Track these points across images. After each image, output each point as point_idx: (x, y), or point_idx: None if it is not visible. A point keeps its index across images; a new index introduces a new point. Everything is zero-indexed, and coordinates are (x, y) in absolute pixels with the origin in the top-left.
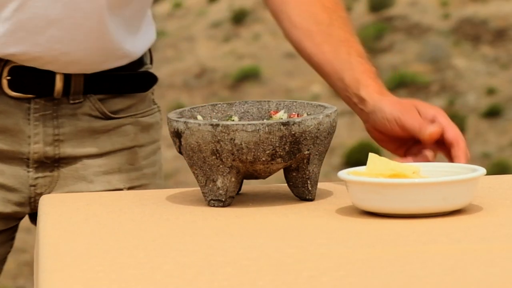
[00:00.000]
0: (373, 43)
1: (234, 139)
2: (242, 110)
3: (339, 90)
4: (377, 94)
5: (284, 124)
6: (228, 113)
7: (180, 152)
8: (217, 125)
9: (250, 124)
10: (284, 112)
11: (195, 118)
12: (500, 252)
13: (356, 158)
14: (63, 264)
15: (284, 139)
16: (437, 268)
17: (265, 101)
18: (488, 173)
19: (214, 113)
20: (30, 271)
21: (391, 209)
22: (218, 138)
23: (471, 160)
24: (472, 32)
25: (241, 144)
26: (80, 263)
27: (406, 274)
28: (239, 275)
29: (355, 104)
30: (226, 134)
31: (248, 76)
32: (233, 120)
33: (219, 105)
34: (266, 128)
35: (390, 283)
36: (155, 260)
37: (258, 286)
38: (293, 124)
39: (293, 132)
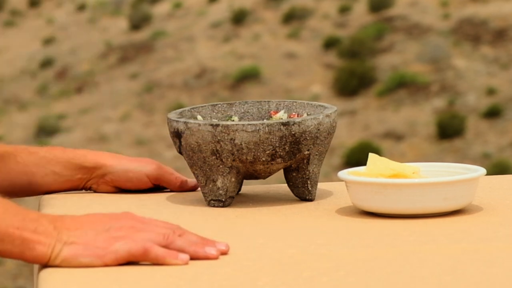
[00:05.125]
0: (373, 43)
1: (234, 139)
2: (242, 110)
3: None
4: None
5: (284, 124)
6: (228, 113)
7: (180, 152)
8: (217, 125)
9: (250, 124)
10: (284, 112)
11: (195, 118)
12: (500, 252)
13: (356, 158)
14: None
15: (284, 139)
16: (437, 268)
17: (265, 101)
18: (488, 173)
19: (214, 113)
20: (30, 271)
21: (391, 209)
22: (218, 138)
23: (471, 160)
24: (472, 32)
25: (241, 144)
26: None
27: (406, 274)
28: (239, 275)
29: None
30: (226, 134)
31: (248, 76)
32: (233, 120)
33: (219, 105)
34: (266, 128)
35: (390, 283)
36: None
37: (258, 286)
38: (293, 124)
39: (293, 132)
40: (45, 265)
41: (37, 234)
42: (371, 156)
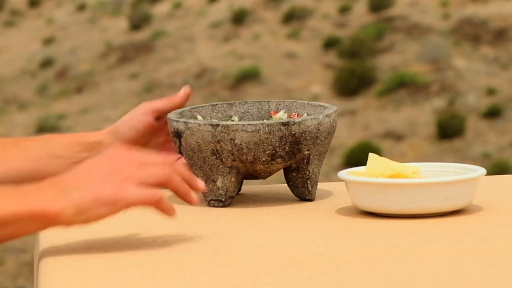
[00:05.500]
0: (373, 43)
1: (234, 139)
2: (242, 110)
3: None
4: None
5: (284, 124)
6: (228, 113)
7: (180, 152)
8: (217, 125)
9: (250, 124)
10: (284, 112)
11: (195, 118)
12: (500, 252)
13: (356, 158)
14: (63, 264)
15: (284, 139)
16: (437, 268)
17: (265, 101)
18: (488, 173)
19: (214, 113)
20: (30, 271)
21: (391, 209)
22: (218, 138)
23: (471, 160)
24: (472, 32)
25: (241, 144)
26: (80, 263)
27: (406, 274)
28: (239, 275)
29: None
30: (226, 134)
31: (248, 76)
32: (233, 120)
33: (219, 105)
34: (266, 128)
35: (390, 283)
36: (155, 260)
37: (258, 286)
38: (293, 124)
39: (293, 132)
40: (66, 223)
41: (42, 202)
42: (371, 156)
